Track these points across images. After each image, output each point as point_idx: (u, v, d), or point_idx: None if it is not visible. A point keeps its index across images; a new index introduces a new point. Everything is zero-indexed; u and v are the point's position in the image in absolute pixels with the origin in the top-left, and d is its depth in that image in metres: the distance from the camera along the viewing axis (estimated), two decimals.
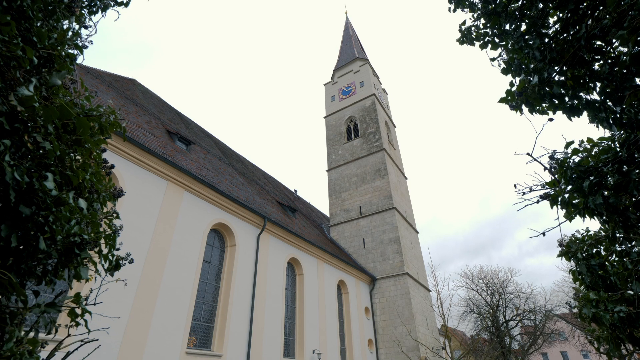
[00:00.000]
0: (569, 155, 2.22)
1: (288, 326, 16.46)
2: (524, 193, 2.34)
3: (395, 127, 37.35)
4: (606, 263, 2.31)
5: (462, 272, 30.09)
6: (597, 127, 2.30)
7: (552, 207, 2.26)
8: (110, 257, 1.52)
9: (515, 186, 2.38)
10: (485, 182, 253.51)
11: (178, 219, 12.20)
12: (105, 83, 15.87)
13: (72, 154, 1.28)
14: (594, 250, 2.35)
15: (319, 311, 18.43)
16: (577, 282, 2.43)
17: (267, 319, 14.59)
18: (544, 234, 2.35)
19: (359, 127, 32.41)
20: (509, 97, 2.47)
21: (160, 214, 11.60)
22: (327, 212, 34.90)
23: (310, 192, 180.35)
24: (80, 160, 1.32)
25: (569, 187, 2.12)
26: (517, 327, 26.75)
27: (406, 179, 33.98)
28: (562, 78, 2.19)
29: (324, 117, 36.03)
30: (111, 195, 1.61)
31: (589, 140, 2.27)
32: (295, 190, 35.75)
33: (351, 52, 39.52)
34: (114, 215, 1.66)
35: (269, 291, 15.26)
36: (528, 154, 2.25)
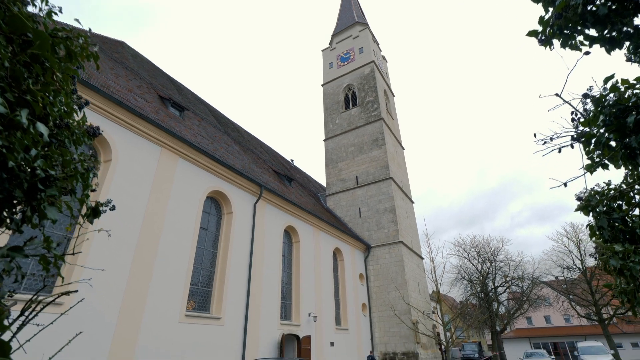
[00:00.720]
0: (607, 92, 2.01)
1: (285, 291, 16.84)
2: (544, 142, 2.17)
3: (394, 96, 36.56)
4: (626, 218, 2.20)
5: (455, 240, 30.67)
6: (638, 64, 2.08)
7: (585, 149, 2.09)
8: (86, 199, 1.34)
9: (534, 135, 2.20)
10: (484, 153, 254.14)
11: (173, 185, 12.02)
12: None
13: (28, 76, 1.06)
14: (615, 204, 2.22)
15: (315, 277, 18.82)
16: (594, 237, 2.32)
17: (265, 284, 14.86)
18: (565, 184, 2.20)
19: (357, 96, 31.66)
20: (540, 30, 2.21)
21: (155, 180, 11.40)
22: (323, 182, 34.85)
23: (306, 162, 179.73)
24: (42, 79, 1.10)
25: (602, 130, 1.94)
26: (505, 293, 27.74)
27: (403, 149, 33.74)
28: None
29: (322, 85, 35.08)
30: (85, 132, 1.40)
31: (624, 81, 2.06)
32: (292, 160, 35.46)
33: (350, 17, 37.85)
34: (91, 158, 1.46)
35: (266, 257, 15.45)
36: (557, 94, 2.04)
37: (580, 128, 2.08)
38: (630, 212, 2.16)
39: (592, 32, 2.06)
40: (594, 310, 25.72)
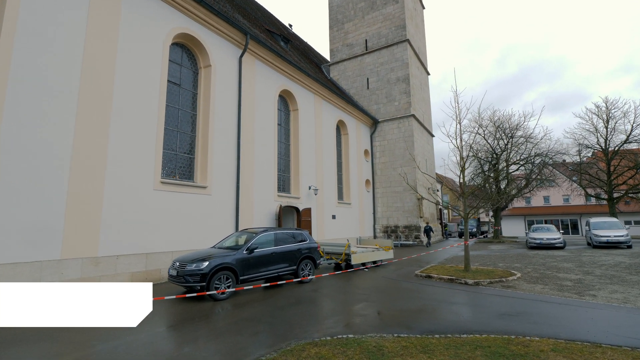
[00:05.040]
0: None
1: (282, 163, 15.24)
2: None
3: None
4: None
5: (472, 117, 28.09)
6: None
7: None
8: None
9: None
10: (508, 37, 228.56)
11: (121, 18, 8.88)
12: None
13: None
14: None
15: (316, 150, 17.06)
16: None
17: (257, 153, 13.06)
18: None
19: None
20: None
21: (91, 5, 8.23)
22: (326, 55, 30.36)
23: (308, 33, 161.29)
24: None
25: None
26: (518, 171, 26.58)
27: (424, 8, 28.06)
28: None
29: None
30: None
31: None
32: (290, 26, 30.11)
33: None
34: None
35: (257, 124, 13.25)
36: None
37: None
38: None
39: None
40: (605, 190, 24.83)
